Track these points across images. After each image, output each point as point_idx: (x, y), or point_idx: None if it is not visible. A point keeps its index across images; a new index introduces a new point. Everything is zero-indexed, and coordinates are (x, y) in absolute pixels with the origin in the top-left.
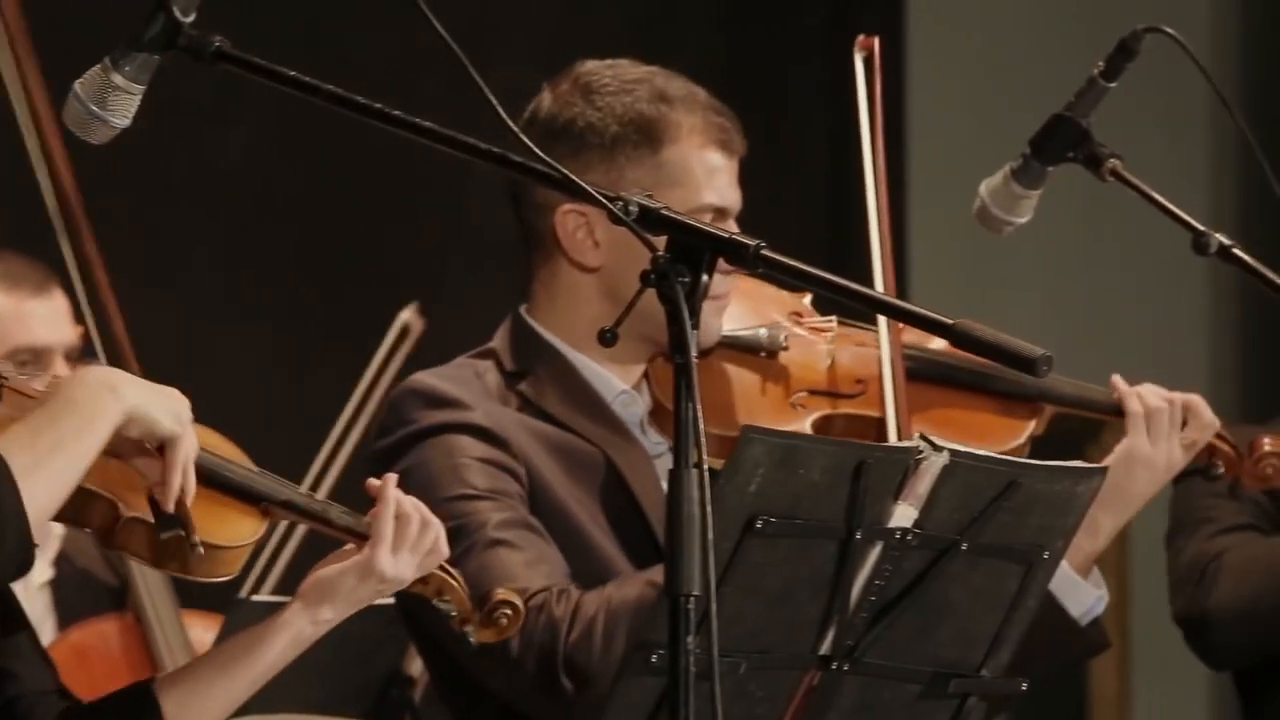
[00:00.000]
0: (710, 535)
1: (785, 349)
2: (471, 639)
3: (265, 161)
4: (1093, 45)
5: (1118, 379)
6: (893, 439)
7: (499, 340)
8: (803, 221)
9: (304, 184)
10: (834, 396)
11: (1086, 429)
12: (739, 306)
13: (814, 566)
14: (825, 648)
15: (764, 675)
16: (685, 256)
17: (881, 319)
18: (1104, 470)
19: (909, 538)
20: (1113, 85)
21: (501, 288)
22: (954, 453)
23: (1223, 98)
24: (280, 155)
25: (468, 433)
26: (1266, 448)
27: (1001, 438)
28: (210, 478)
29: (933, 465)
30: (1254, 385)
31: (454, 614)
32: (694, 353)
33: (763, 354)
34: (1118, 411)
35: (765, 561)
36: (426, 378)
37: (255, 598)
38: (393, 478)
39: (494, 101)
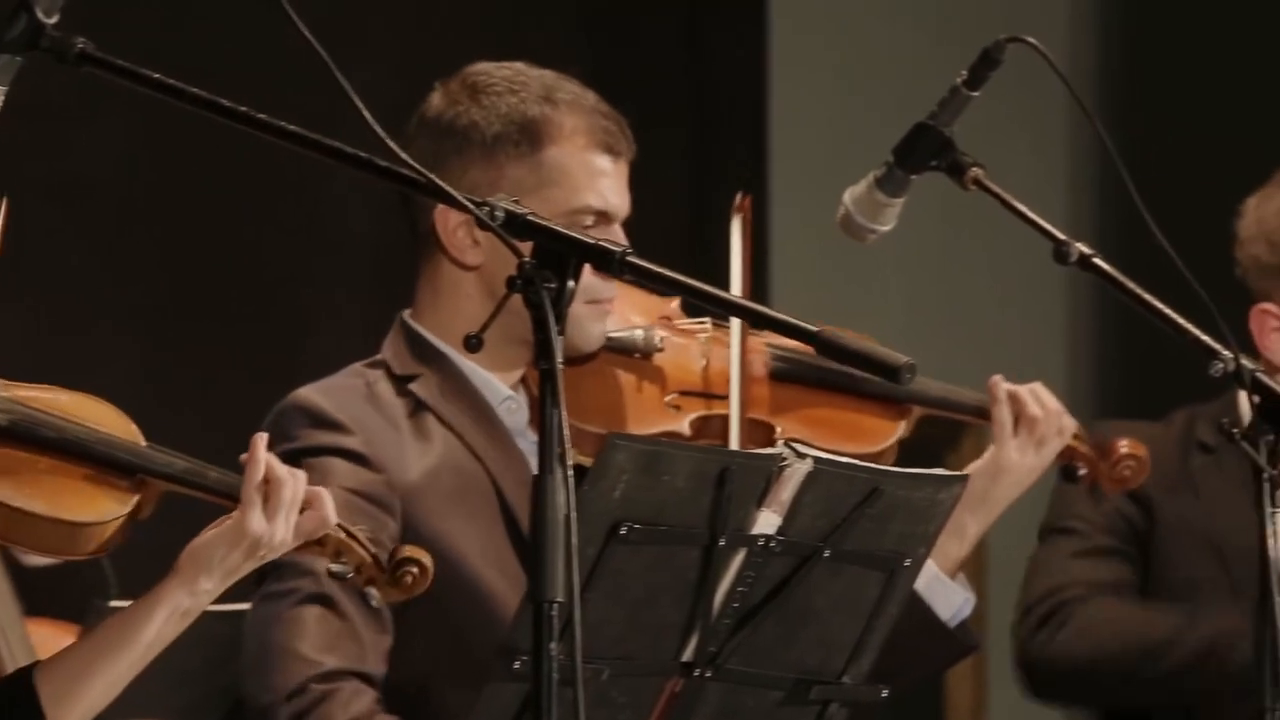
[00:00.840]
0: (575, 541)
1: (660, 350)
2: (373, 600)
3: (129, 166)
4: (956, 53)
5: (997, 380)
6: (733, 441)
7: (387, 348)
8: (664, 225)
9: (168, 188)
10: (709, 398)
11: (947, 437)
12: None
13: (677, 573)
14: (688, 654)
15: (627, 682)
16: (551, 262)
17: (734, 322)
18: (965, 478)
19: (772, 544)
20: (976, 94)
21: (372, 293)
22: (817, 460)
23: (1084, 106)
24: (145, 159)
25: (345, 458)
26: (1123, 450)
27: (872, 438)
28: (70, 448)
29: (796, 472)
30: (1110, 392)
31: (352, 574)
32: (559, 359)
33: (638, 356)
34: (983, 413)
35: (629, 568)
36: (313, 394)
37: (114, 604)
38: (262, 437)
39: (361, 106)
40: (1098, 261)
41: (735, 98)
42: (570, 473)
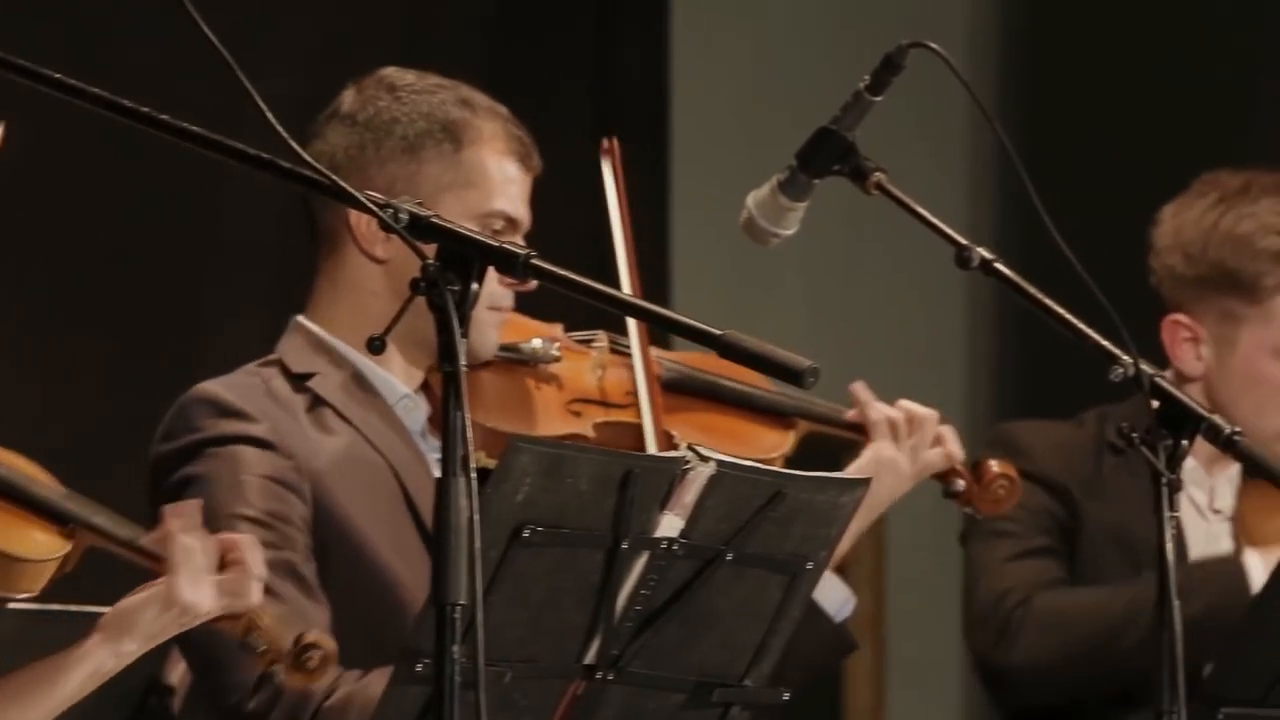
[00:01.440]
0: (478, 544)
1: (557, 359)
2: (278, 679)
3: (24, 164)
4: (858, 58)
5: (858, 387)
6: (650, 444)
7: (281, 348)
8: (566, 230)
9: (65, 188)
10: (607, 406)
11: (846, 445)
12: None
13: (580, 576)
14: (590, 657)
15: (529, 684)
16: (455, 265)
17: (631, 324)
18: (867, 481)
19: (675, 547)
20: (878, 99)
21: (261, 295)
22: (720, 463)
23: (985, 111)
24: (41, 159)
25: (254, 445)
26: (995, 470)
27: (762, 447)
28: (9, 491)
29: (699, 475)
30: (1008, 395)
31: (262, 651)
32: (463, 361)
33: (536, 365)
34: (861, 429)
35: (532, 571)
36: (213, 386)
37: (12, 605)
38: (180, 507)
39: (264, 108)
40: (999, 266)
41: (638, 103)
42: (474, 475)
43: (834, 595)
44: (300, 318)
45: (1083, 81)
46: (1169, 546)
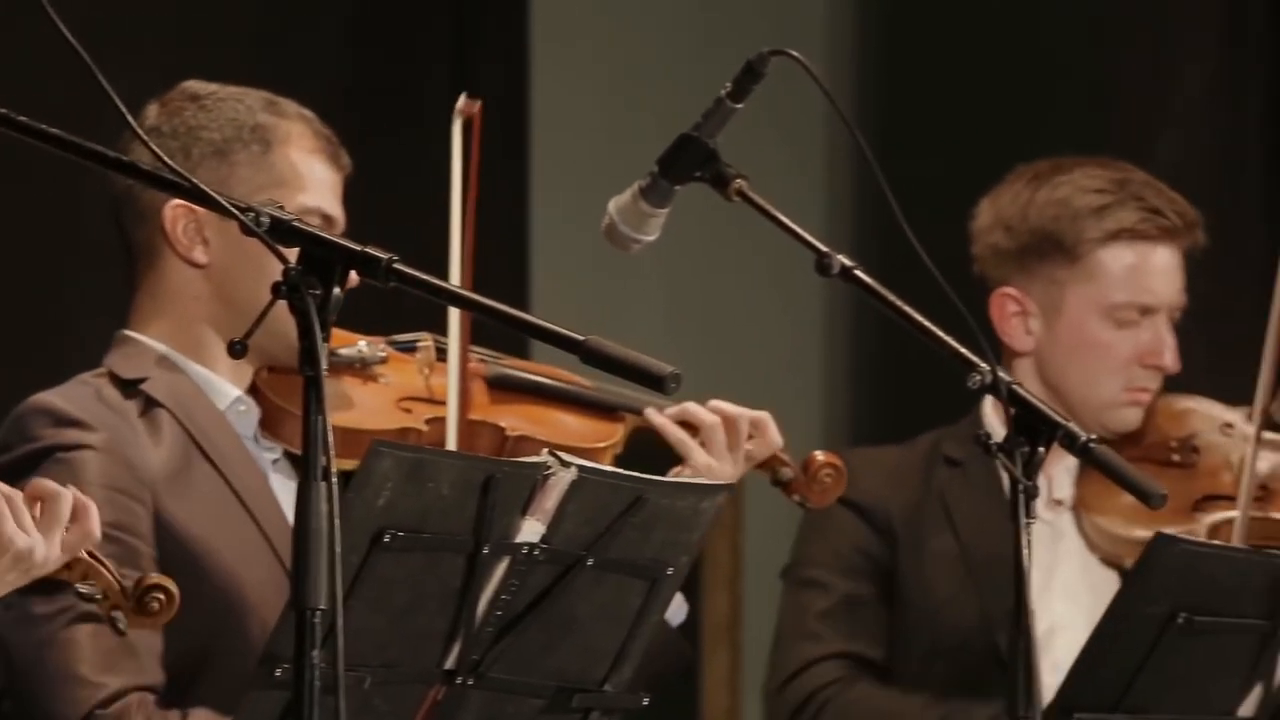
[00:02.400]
0: (338, 549)
1: (384, 360)
2: (121, 626)
3: None
4: (719, 65)
5: (651, 413)
6: (451, 439)
7: (110, 360)
8: (424, 231)
9: None
10: (435, 403)
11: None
12: None
13: (441, 581)
14: (450, 662)
15: (389, 689)
16: (316, 269)
17: (453, 316)
18: (727, 487)
19: (536, 553)
20: (740, 106)
21: (119, 298)
22: (582, 468)
23: (846, 121)
24: None
25: (94, 454)
26: (820, 459)
27: (588, 439)
28: None
29: (560, 481)
30: (864, 401)
31: (100, 599)
32: (324, 366)
33: (364, 367)
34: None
35: (393, 575)
36: (48, 396)
37: None
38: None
39: (124, 109)
40: (859, 274)
41: (498, 107)
42: (335, 480)
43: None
44: (126, 330)
45: (938, 88)
46: (1025, 553)
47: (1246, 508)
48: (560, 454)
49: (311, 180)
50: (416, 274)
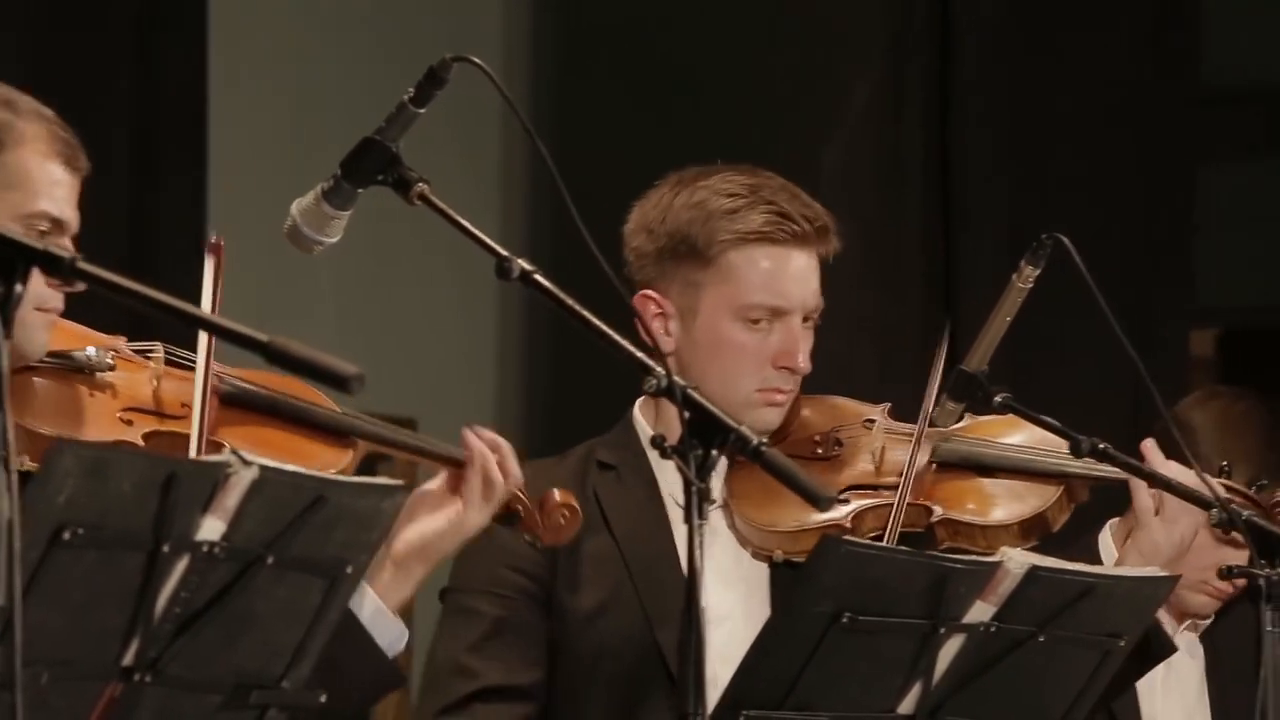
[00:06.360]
0: (18, 545)
1: (111, 368)
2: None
3: None
4: (400, 70)
5: (467, 432)
6: (193, 451)
7: None
8: (101, 233)
9: None
10: (160, 416)
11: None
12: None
13: (121, 578)
14: (129, 659)
15: (66, 686)
16: None
17: (202, 336)
18: (408, 488)
19: (216, 550)
20: (422, 111)
21: None
22: (263, 468)
23: (527, 126)
24: None
25: None
26: (557, 498)
27: (317, 463)
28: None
29: (242, 479)
30: (539, 404)
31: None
32: (6, 363)
33: (91, 373)
34: (453, 461)
35: (72, 572)
36: None
37: None
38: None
39: None
40: (539, 278)
41: (175, 107)
42: (15, 476)
43: (389, 630)
44: None
45: (611, 95)
46: (698, 553)
47: (903, 499)
48: (242, 453)
49: (45, 184)
50: (99, 272)
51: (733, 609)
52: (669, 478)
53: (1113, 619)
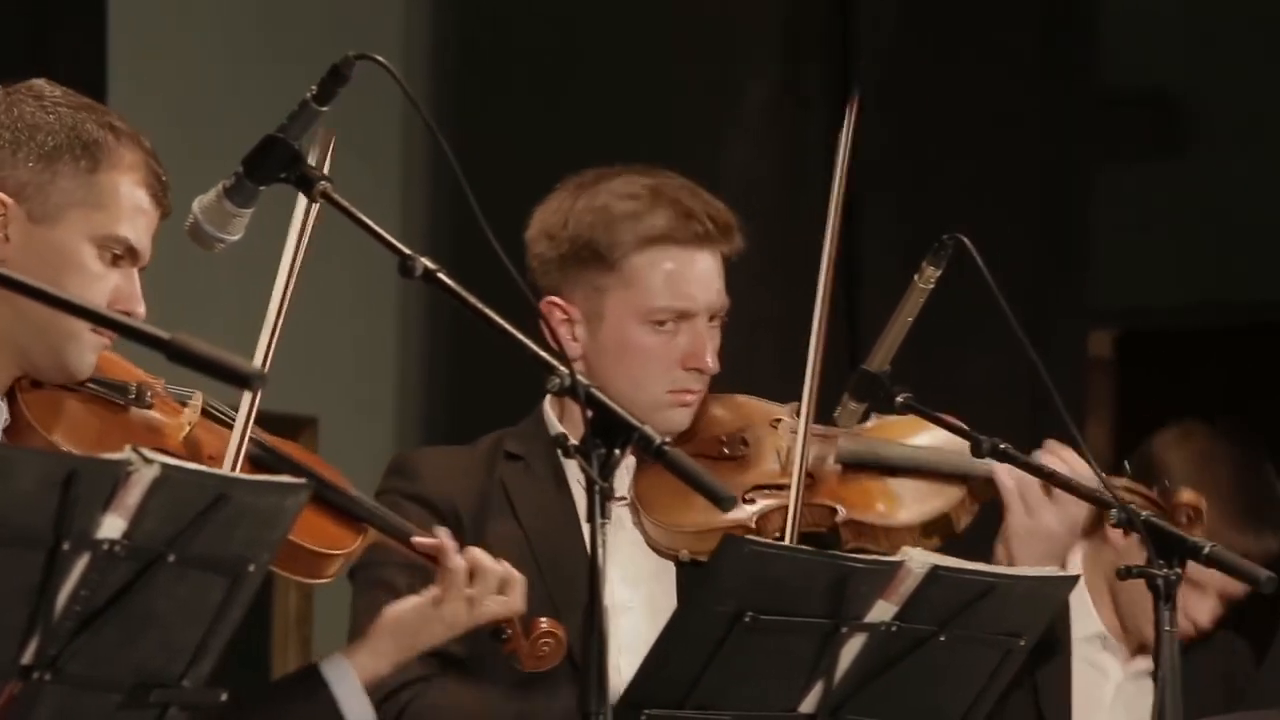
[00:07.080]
0: None
1: (150, 406)
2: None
3: None
4: (297, 67)
5: (442, 533)
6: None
7: None
8: None
9: None
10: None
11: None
12: None
13: (20, 576)
14: (27, 657)
15: None
16: None
17: (244, 398)
18: (309, 487)
19: (116, 549)
20: (325, 109)
21: None
22: (164, 465)
23: (430, 124)
24: None
25: None
26: (543, 627)
27: (327, 543)
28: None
29: (143, 477)
30: (441, 408)
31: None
32: None
33: (127, 406)
34: (432, 559)
35: None
36: None
37: None
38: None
39: None
40: (442, 276)
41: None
42: None
43: (358, 706)
44: None
45: (514, 94)
46: (601, 552)
47: (798, 497)
48: (143, 450)
49: (128, 209)
50: (11, 276)
51: (636, 601)
52: (576, 472)
53: (1013, 618)
